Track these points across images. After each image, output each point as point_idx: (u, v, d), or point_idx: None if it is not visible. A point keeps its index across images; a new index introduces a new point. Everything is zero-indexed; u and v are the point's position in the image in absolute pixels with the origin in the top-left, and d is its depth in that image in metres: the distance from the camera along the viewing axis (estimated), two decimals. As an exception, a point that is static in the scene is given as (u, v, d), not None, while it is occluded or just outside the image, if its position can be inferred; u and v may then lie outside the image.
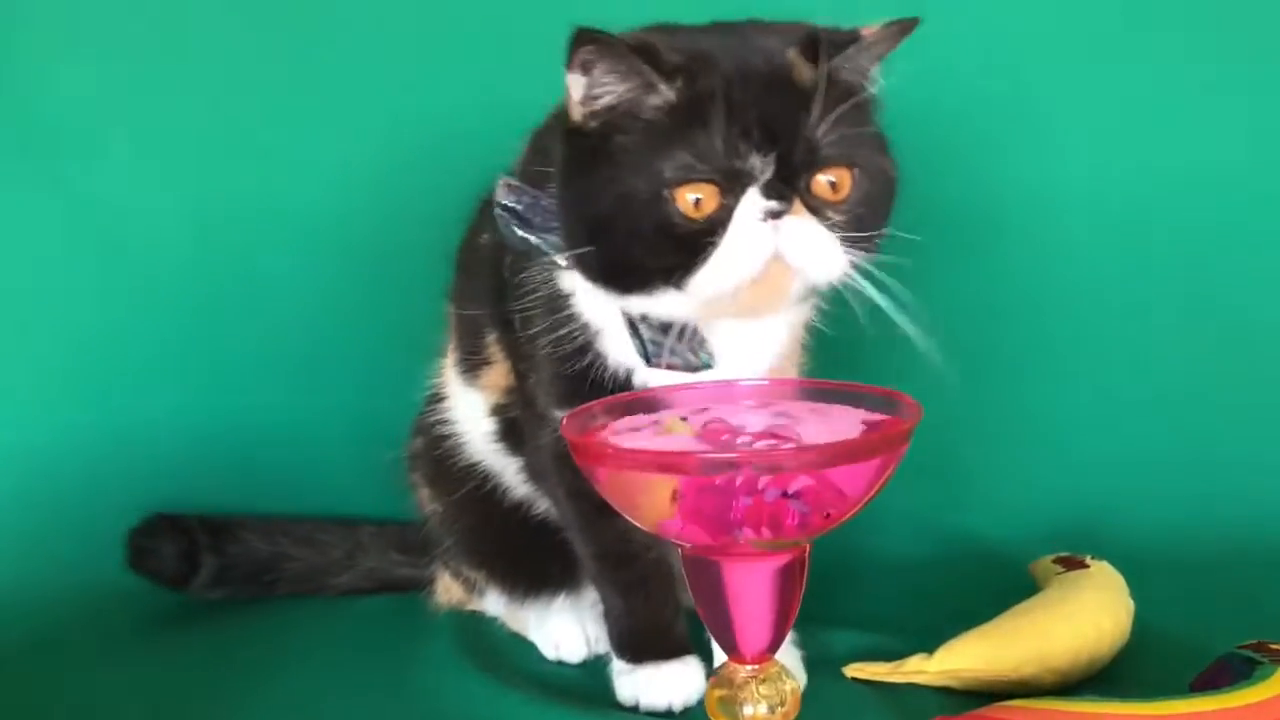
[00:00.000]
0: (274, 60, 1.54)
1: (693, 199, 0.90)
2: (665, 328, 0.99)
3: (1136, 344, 1.54)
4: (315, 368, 1.56)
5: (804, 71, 0.92)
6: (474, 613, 1.33)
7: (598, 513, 1.04)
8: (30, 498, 1.50)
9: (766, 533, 0.77)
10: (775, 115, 0.89)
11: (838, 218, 0.92)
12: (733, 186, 0.90)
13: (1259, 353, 1.54)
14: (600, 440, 0.84)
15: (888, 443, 0.78)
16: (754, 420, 0.87)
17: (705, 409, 0.89)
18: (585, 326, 1.03)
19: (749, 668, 0.85)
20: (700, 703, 1.08)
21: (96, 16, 1.52)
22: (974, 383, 1.49)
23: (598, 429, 0.86)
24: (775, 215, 0.89)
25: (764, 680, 0.85)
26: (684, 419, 0.87)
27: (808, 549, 0.83)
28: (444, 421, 1.24)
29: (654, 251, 0.91)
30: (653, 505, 0.79)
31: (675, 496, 0.77)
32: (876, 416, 0.84)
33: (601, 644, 1.20)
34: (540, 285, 1.04)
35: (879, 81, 0.98)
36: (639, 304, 0.97)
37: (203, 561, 1.40)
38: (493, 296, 1.12)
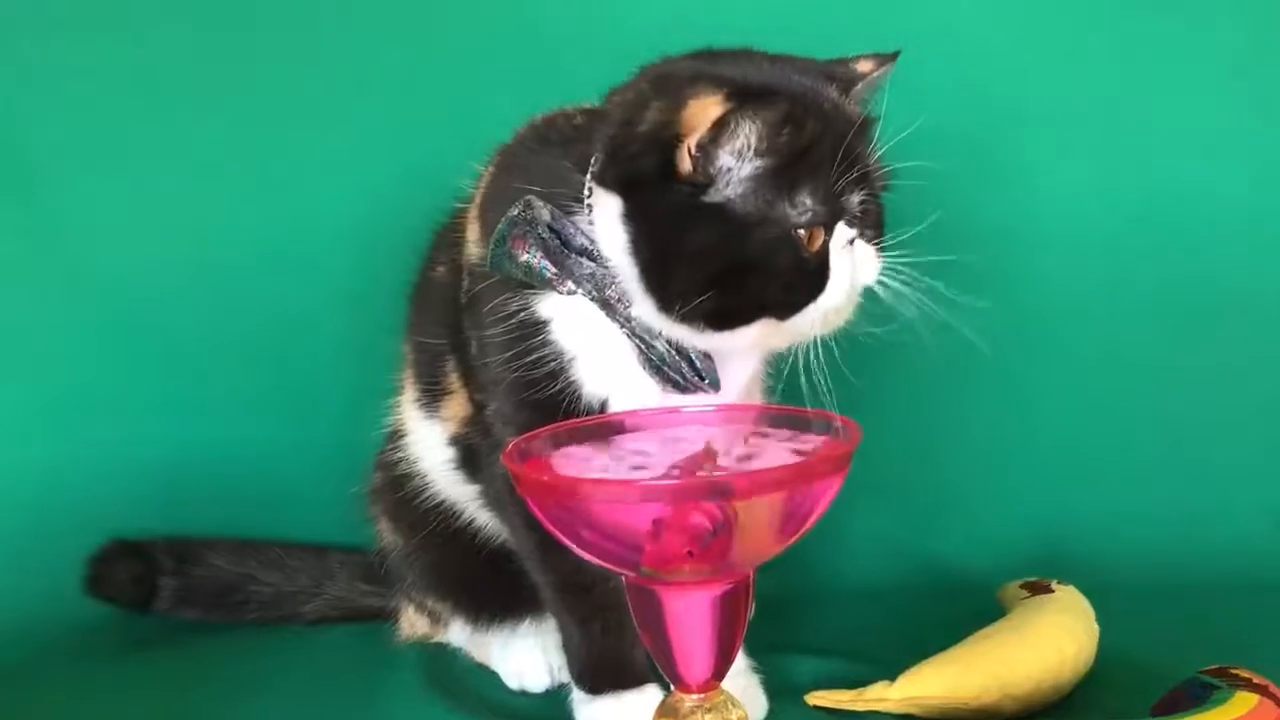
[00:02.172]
0: (251, 91, 1.55)
1: (804, 235, 0.95)
2: (679, 351, 1.02)
3: (1106, 370, 1.54)
4: (291, 398, 1.56)
5: (856, 111, 1.00)
6: (439, 644, 1.32)
7: (553, 542, 1.04)
8: (3, 520, 1.50)
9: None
10: (858, 155, 0.97)
11: (870, 232, 1.00)
12: (834, 222, 0.96)
13: (1230, 380, 1.53)
14: (537, 470, 0.85)
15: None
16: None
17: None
18: (560, 354, 1.03)
19: (694, 696, 0.85)
20: (658, 732, 1.08)
21: (74, 46, 1.53)
22: (943, 408, 1.51)
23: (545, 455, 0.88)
24: (850, 242, 0.97)
25: (710, 709, 0.85)
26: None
27: (750, 577, 0.83)
28: (405, 459, 1.24)
29: (787, 288, 0.96)
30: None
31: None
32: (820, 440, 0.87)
33: (564, 673, 1.19)
34: (516, 312, 1.04)
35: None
36: (725, 339, 0.99)
37: (160, 584, 1.43)
38: (451, 325, 1.13)
